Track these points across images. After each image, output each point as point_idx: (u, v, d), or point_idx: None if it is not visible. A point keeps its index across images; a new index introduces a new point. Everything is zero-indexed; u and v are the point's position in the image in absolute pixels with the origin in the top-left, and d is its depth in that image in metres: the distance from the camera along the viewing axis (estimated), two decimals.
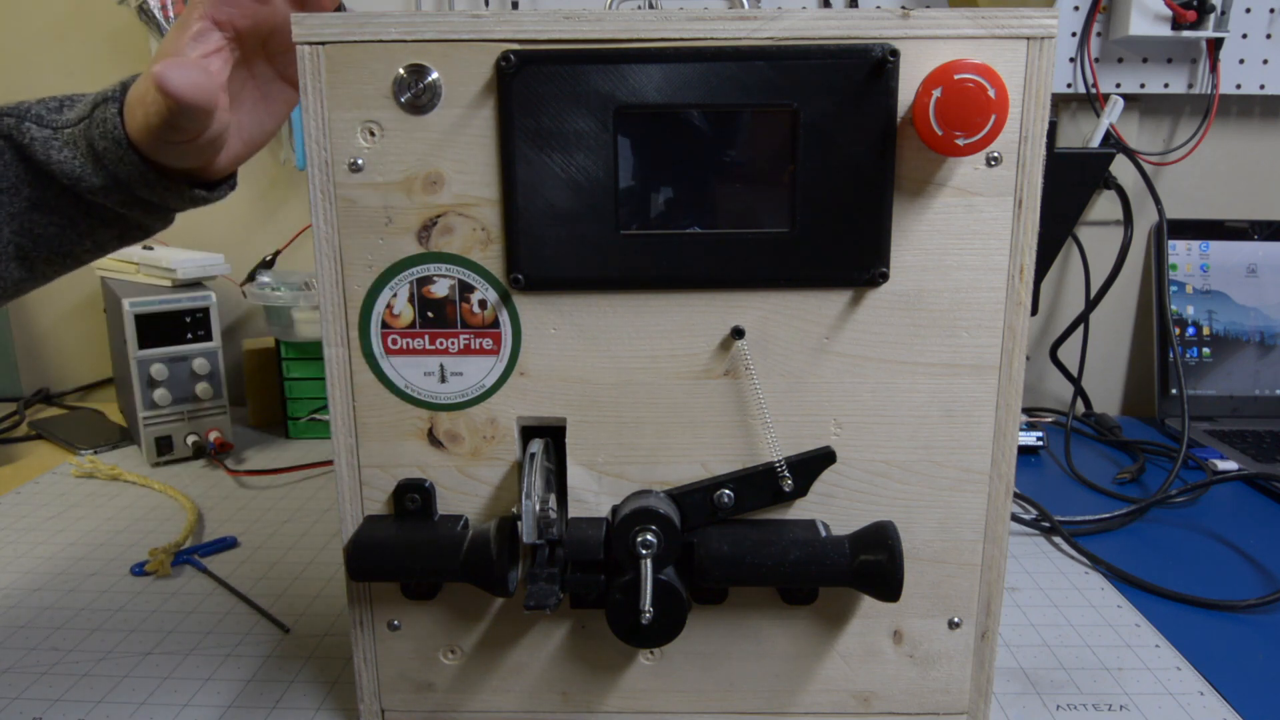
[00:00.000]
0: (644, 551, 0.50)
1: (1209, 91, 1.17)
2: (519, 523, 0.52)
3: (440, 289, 0.51)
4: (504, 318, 0.52)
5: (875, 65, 0.47)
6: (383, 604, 0.56)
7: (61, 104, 0.57)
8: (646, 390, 0.52)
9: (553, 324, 0.52)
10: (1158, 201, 1.19)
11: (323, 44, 0.48)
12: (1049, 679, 0.63)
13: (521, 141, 0.49)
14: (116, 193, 0.56)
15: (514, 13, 0.48)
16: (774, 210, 0.50)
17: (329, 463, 1.04)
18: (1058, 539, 0.84)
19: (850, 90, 0.48)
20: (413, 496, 0.54)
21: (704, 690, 0.57)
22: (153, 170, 0.55)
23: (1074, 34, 1.15)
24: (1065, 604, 0.73)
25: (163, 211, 0.59)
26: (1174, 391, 1.18)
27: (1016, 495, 0.88)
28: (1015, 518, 0.88)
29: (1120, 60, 1.17)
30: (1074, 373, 1.20)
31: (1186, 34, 1.11)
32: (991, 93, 0.45)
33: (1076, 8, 1.15)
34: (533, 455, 0.51)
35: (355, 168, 0.50)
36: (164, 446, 1.05)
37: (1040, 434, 1.08)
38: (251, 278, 1.21)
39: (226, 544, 0.83)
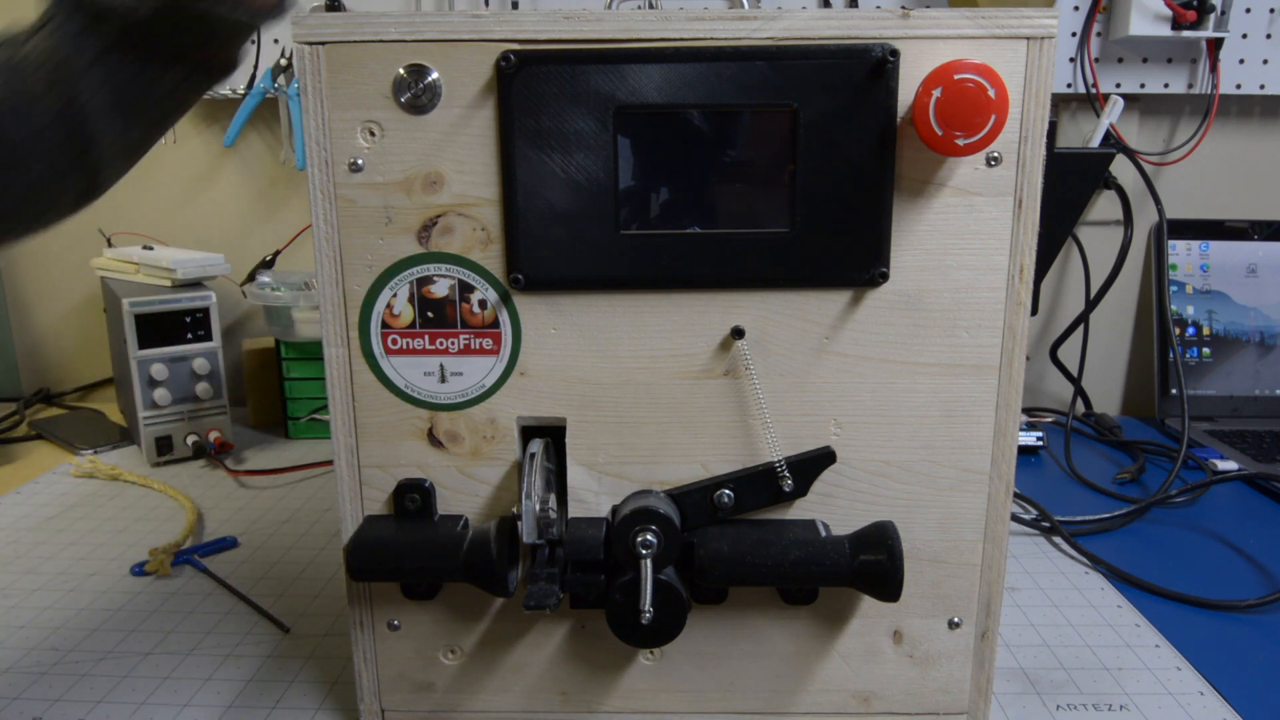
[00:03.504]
0: (644, 551, 0.50)
1: (1209, 91, 1.17)
2: (519, 523, 0.52)
3: (440, 289, 0.51)
4: (504, 318, 0.52)
5: (875, 65, 0.47)
6: (383, 604, 0.56)
7: None
8: (646, 390, 0.52)
9: (553, 324, 0.52)
10: (1158, 201, 1.19)
11: (323, 44, 0.48)
12: (1049, 679, 0.63)
13: (521, 141, 0.49)
14: (169, 17, 0.57)
15: (514, 13, 0.48)
16: (774, 210, 0.50)
17: (329, 463, 1.04)
18: (1058, 539, 0.84)
19: (850, 90, 0.48)
20: (413, 496, 0.54)
21: (704, 690, 0.57)
22: None
23: (1074, 34, 1.15)
24: (1065, 604, 0.73)
25: (217, 42, 0.60)
26: (1174, 391, 1.18)
27: (1016, 495, 0.88)
28: (1015, 518, 0.88)
29: (1120, 60, 1.17)
30: (1074, 373, 1.20)
31: (1186, 34, 1.11)
32: (991, 93, 0.45)
33: (1076, 8, 1.15)
34: (533, 455, 0.51)
35: (355, 168, 0.50)
36: (164, 446, 1.05)
37: (1040, 434, 1.08)
38: (251, 278, 1.21)
39: (226, 544, 0.83)
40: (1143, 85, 1.17)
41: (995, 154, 0.49)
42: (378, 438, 0.53)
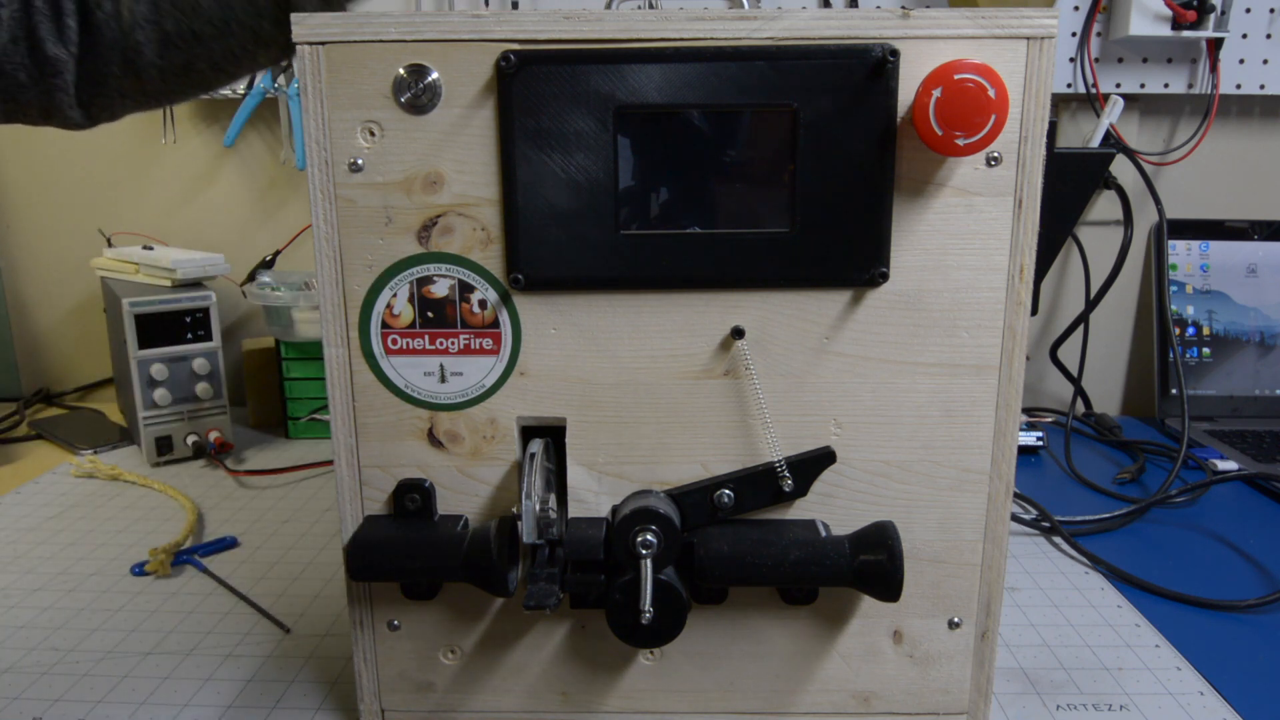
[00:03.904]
0: (644, 551, 0.50)
1: (1209, 91, 1.17)
2: (519, 523, 0.52)
3: (440, 289, 0.51)
4: (504, 318, 0.52)
5: (875, 65, 0.47)
6: (383, 604, 0.56)
7: None
8: (646, 390, 0.52)
9: (553, 324, 0.52)
10: (1158, 201, 1.19)
11: (323, 44, 0.48)
12: (1049, 679, 0.63)
13: (521, 141, 0.49)
14: None
15: (514, 13, 0.48)
16: (774, 210, 0.50)
17: (329, 463, 1.04)
18: (1058, 539, 0.84)
19: (850, 90, 0.48)
20: (413, 496, 0.54)
21: (704, 690, 0.57)
22: None
23: (1074, 34, 1.15)
24: (1065, 604, 0.73)
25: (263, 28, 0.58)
26: (1174, 391, 1.18)
27: (1016, 495, 0.88)
28: (1015, 518, 0.88)
29: (1120, 60, 1.17)
30: (1074, 373, 1.20)
31: (1186, 34, 1.11)
32: (991, 93, 0.45)
33: (1076, 8, 1.15)
34: (533, 455, 0.51)
35: (355, 168, 0.50)
36: (164, 446, 1.05)
37: (1040, 434, 1.08)
38: (251, 278, 1.21)
39: (226, 544, 0.83)
40: (1143, 85, 1.17)
41: (995, 154, 0.49)
42: (378, 438, 0.53)
